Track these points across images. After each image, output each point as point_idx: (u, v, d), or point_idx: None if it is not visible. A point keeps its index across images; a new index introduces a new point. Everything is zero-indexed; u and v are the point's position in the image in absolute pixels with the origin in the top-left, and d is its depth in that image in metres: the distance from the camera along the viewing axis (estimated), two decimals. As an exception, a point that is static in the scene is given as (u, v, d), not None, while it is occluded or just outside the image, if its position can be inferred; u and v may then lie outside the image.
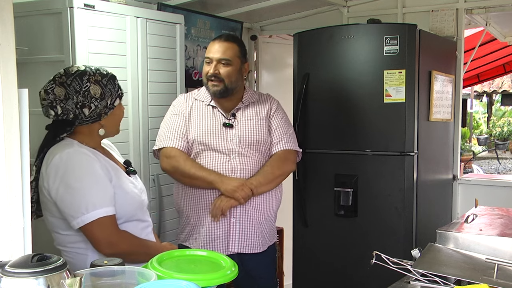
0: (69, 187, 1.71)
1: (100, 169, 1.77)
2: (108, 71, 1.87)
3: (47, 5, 2.52)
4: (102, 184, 1.75)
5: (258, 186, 2.38)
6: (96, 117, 1.81)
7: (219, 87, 2.42)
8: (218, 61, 2.41)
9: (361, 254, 2.78)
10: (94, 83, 1.79)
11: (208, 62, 2.45)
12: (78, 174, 1.73)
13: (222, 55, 2.41)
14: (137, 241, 1.85)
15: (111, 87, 1.83)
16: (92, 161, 1.76)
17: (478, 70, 7.65)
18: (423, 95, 2.99)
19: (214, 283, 1.48)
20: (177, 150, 2.40)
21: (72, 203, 1.71)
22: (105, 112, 1.82)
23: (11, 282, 1.10)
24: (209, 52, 2.45)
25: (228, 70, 2.42)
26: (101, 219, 1.71)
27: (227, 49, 2.42)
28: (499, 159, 13.22)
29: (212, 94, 2.45)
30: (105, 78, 1.82)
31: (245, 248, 2.42)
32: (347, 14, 3.91)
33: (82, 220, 1.70)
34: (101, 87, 1.80)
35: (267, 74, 4.47)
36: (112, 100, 1.84)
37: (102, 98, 1.80)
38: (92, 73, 1.80)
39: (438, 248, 1.82)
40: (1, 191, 1.25)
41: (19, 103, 1.28)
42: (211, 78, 2.42)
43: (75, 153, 1.75)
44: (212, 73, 2.41)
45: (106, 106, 1.82)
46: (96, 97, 1.78)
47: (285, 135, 2.52)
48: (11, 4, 1.24)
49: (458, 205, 3.58)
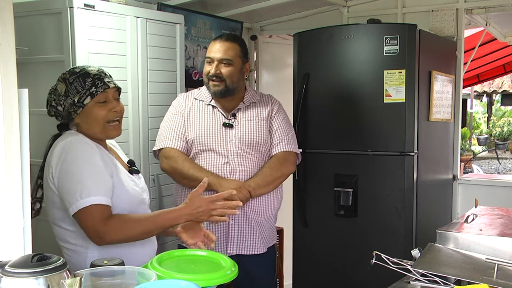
0: (69, 173, 1.73)
1: (101, 160, 1.77)
2: (86, 69, 1.82)
3: (47, 5, 2.52)
4: (100, 174, 1.75)
5: (256, 188, 2.37)
6: (67, 115, 1.82)
7: (220, 87, 2.41)
8: (220, 61, 2.41)
9: (361, 254, 2.78)
10: (61, 81, 1.81)
11: (209, 61, 2.44)
12: (78, 161, 1.74)
13: (224, 55, 2.41)
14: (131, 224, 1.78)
15: (77, 84, 1.78)
16: (93, 151, 1.77)
17: (478, 70, 7.65)
18: (423, 95, 2.99)
19: (214, 283, 1.48)
20: (176, 151, 2.40)
21: (70, 189, 1.72)
22: (74, 110, 1.79)
23: (11, 282, 1.10)
24: (210, 51, 2.44)
25: (229, 70, 2.41)
26: (92, 206, 1.70)
27: (229, 49, 2.42)
28: (499, 159, 13.22)
29: (213, 94, 2.45)
30: (73, 76, 1.80)
31: (243, 250, 2.42)
32: (347, 14, 3.91)
33: (76, 206, 1.70)
34: (66, 84, 1.79)
35: (267, 74, 4.46)
36: (81, 98, 1.78)
37: (67, 95, 1.79)
38: (66, 71, 1.83)
39: (438, 248, 1.82)
40: (1, 191, 1.25)
41: (19, 103, 1.28)
42: (212, 78, 2.41)
43: (77, 141, 1.77)
44: (214, 73, 2.41)
45: (73, 104, 1.79)
46: (61, 94, 1.80)
47: (285, 137, 2.51)
48: (11, 4, 1.24)
49: (458, 205, 3.58)
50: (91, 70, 1.83)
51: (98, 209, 1.71)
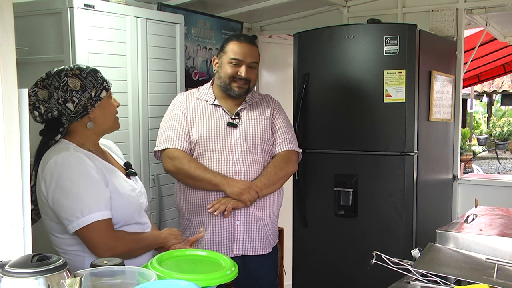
0: (64, 191, 1.70)
1: (96, 173, 1.75)
2: (89, 66, 1.84)
3: (47, 5, 2.52)
4: (98, 188, 1.74)
5: (263, 188, 2.38)
6: (82, 111, 1.79)
7: (245, 89, 2.44)
8: (249, 64, 2.42)
9: (361, 254, 2.78)
10: (72, 77, 1.78)
11: (235, 64, 2.41)
12: (73, 178, 1.71)
13: (253, 59, 2.44)
14: (133, 237, 1.84)
15: (92, 79, 1.80)
16: (87, 165, 1.74)
17: (478, 70, 7.66)
18: (423, 95, 2.99)
19: (214, 283, 1.48)
20: (180, 151, 2.38)
21: (68, 207, 1.70)
22: (91, 104, 1.79)
23: (11, 282, 1.10)
24: (239, 54, 2.41)
25: (256, 73, 2.47)
26: (97, 222, 1.70)
27: (255, 52, 2.46)
28: (499, 159, 13.23)
29: (236, 96, 2.44)
30: (84, 72, 1.80)
31: (249, 250, 2.42)
32: (347, 14, 3.91)
33: (77, 224, 1.69)
34: (80, 79, 1.78)
35: (267, 74, 4.46)
36: (97, 92, 1.80)
37: (84, 90, 1.78)
38: (70, 68, 1.80)
39: (438, 248, 1.82)
40: (1, 191, 1.25)
41: (19, 103, 1.28)
42: (240, 81, 2.41)
43: (70, 157, 1.74)
44: (246, 76, 2.41)
45: (91, 98, 1.79)
46: (76, 89, 1.77)
47: (287, 136, 2.52)
48: (11, 4, 1.24)
49: (458, 205, 3.58)
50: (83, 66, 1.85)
51: (102, 224, 1.72)
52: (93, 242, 1.72)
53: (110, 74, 2.14)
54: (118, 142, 2.20)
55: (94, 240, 1.72)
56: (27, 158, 1.33)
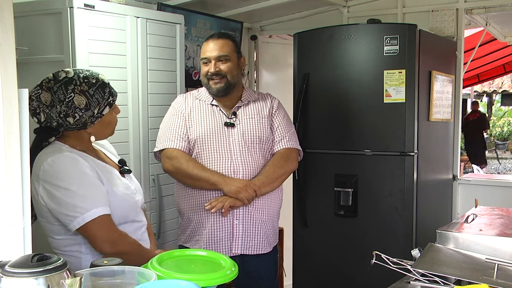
0: (64, 190, 1.70)
1: (91, 171, 1.75)
2: (99, 78, 1.79)
3: (47, 5, 2.52)
4: (95, 184, 1.74)
5: (262, 186, 2.37)
6: (81, 126, 1.78)
7: (222, 84, 2.41)
8: (217, 58, 2.41)
9: (361, 254, 2.78)
10: (79, 94, 1.73)
11: (205, 62, 2.44)
12: (71, 177, 1.71)
13: (220, 52, 2.41)
14: (135, 242, 1.85)
15: (98, 96, 1.77)
16: (81, 164, 1.74)
17: (478, 70, 7.67)
18: (423, 95, 2.99)
19: (214, 283, 1.48)
20: (178, 151, 2.39)
21: (70, 204, 1.70)
22: (92, 121, 1.79)
23: (11, 282, 1.10)
24: (205, 52, 2.44)
25: (228, 66, 2.42)
26: (101, 217, 1.71)
27: (223, 45, 2.43)
28: (499, 159, 13.24)
29: (216, 93, 2.44)
30: (92, 88, 1.75)
31: (248, 250, 2.42)
32: (347, 14, 3.91)
33: (82, 219, 1.69)
34: (86, 97, 1.74)
35: (267, 74, 4.46)
36: (100, 109, 1.79)
37: (88, 108, 1.75)
38: (79, 82, 1.74)
39: (438, 248, 1.82)
40: (1, 191, 1.25)
41: (19, 103, 1.28)
42: (212, 77, 2.42)
43: (64, 158, 1.73)
44: (214, 71, 2.41)
45: (92, 116, 1.77)
46: (80, 107, 1.74)
47: (287, 134, 2.51)
48: (11, 4, 1.24)
49: (458, 205, 3.58)
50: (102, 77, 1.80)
51: (106, 219, 1.73)
52: (98, 236, 1.72)
53: (110, 74, 2.14)
54: (118, 142, 2.20)
55: (99, 234, 1.72)
56: (27, 158, 1.33)
